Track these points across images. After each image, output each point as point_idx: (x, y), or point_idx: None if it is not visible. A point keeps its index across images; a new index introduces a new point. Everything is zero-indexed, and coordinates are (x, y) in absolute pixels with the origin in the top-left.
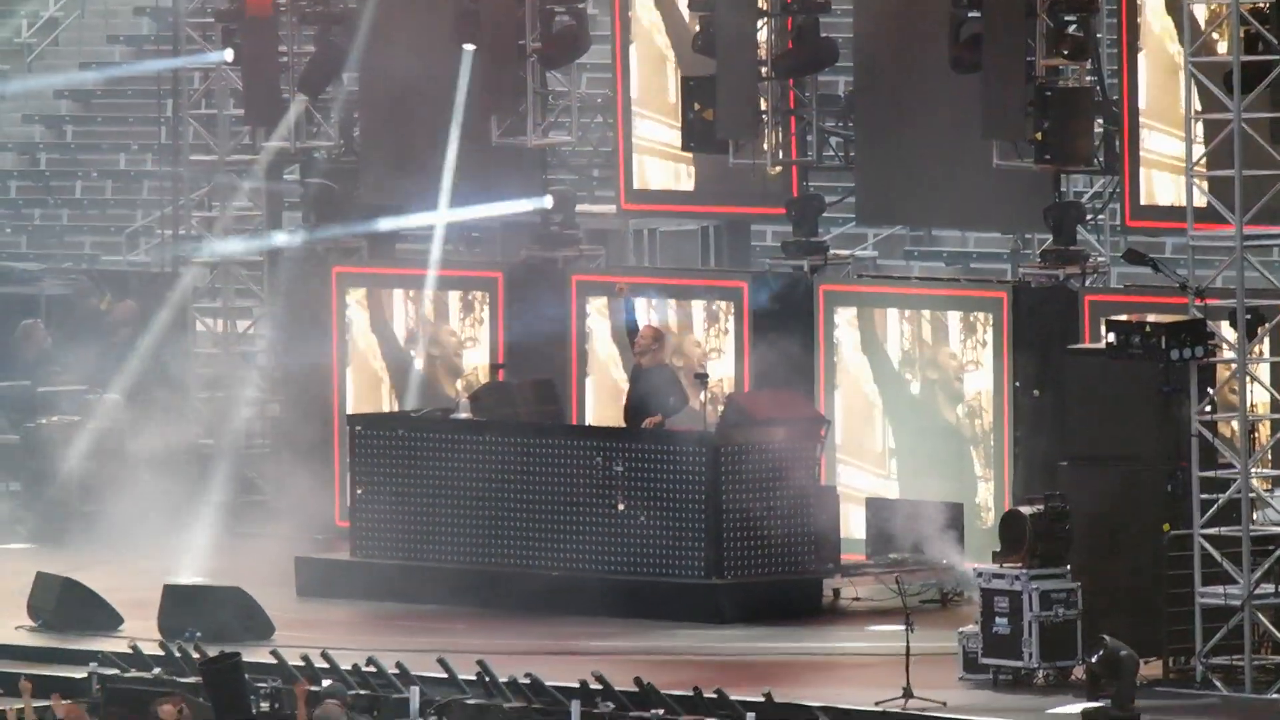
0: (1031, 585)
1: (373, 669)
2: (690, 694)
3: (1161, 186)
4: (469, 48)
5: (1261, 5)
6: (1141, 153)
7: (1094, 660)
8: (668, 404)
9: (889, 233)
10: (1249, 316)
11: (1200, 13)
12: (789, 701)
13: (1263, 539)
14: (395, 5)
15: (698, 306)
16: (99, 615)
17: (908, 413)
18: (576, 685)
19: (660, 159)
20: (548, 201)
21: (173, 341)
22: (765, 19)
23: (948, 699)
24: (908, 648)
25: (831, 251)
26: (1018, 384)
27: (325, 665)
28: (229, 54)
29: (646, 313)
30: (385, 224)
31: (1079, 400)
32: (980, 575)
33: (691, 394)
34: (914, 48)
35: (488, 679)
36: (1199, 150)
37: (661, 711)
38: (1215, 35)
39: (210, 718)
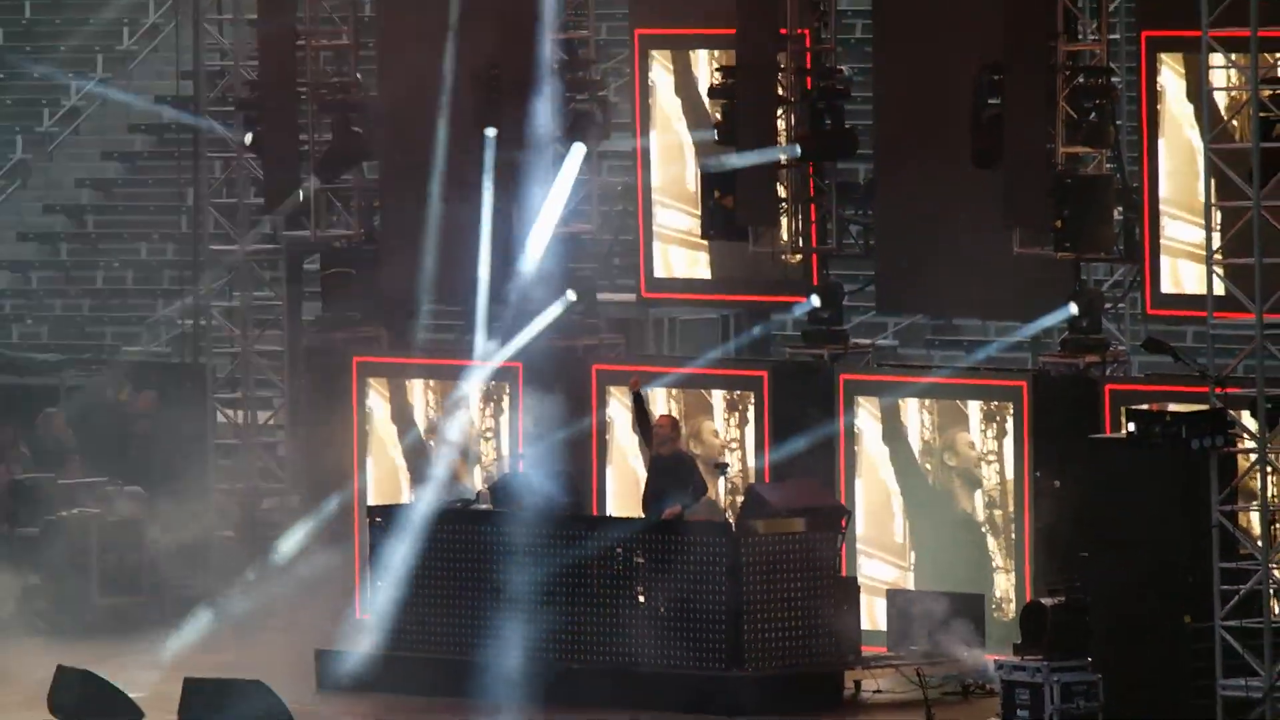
0: (1053, 677)
1: None
2: None
3: (1182, 275)
4: (490, 133)
5: None
6: (1162, 240)
7: None
8: (686, 493)
9: (909, 321)
10: (1269, 406)
11: (1220, 100)
12: None
13: None
14: (415, 92)
15: (718, 395)
16: (120, 709)
17: (927, 503)
18: None
19: (681, 247)
20: (570, 296)
21: (193, 433)
22: (785, 107)
23: None
24: None
25: (852, 340)
26: (1038, 474)
27: None
28: (248, 138)
29: (665, 403)
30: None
31: (1100, 490)
32: (1001, 667)
33: (710, 483)
34: (934, 135)
35: None
36: (1219, 238)
37: None
38: (1234, 123)
39: None
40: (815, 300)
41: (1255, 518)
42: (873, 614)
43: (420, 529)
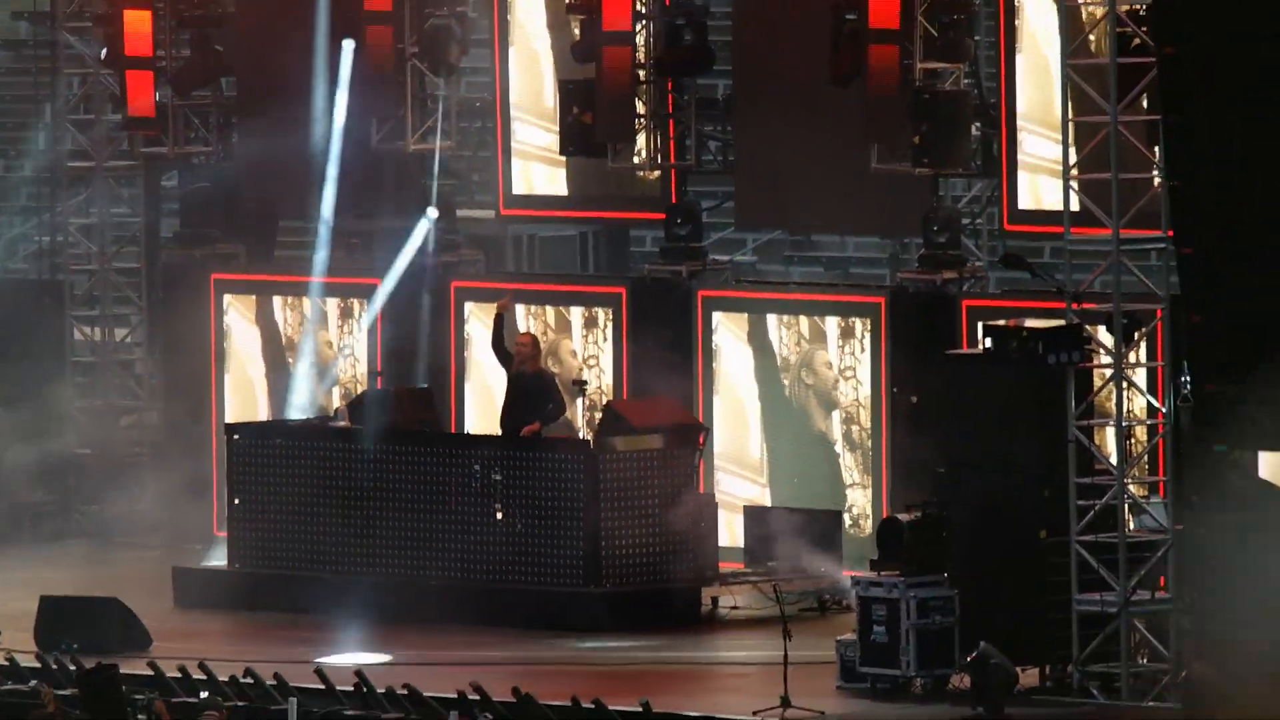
0: (909, 593)
1: (250, 680)
2: (568, 704)
3: (1040, 190)
4: (349, 44)
5: (1138, 7)
6: (1020, 156)
7: (967, 663)
8: (546, 411)
9: (768, 238)
10: (1125, 321)
11: (1078, 15)
12: (667, 711)
13: (1139, 546)
14: (273, 8)
15: (576, 313)
16: None
17: (784, 420)
18: (455, 696)
19: (540, 164)
20: (432, 214)
21: (50, 350)
22: (643, 22)
23: (825, 708)
24: (785, 657)
25: (710, 257)
26: (895, 390)
27: (202, 676)
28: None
29: (525, 320)
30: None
31: (956, 406)
32: (858, 583)
33: (569, 401)
34: (794, 51)
35: (365, 690)
36: (1076, 154)
37: None
38: (1092, 38)
39: None
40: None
41: (1111, 433)
42: (731, 530)
43: (277, 446)
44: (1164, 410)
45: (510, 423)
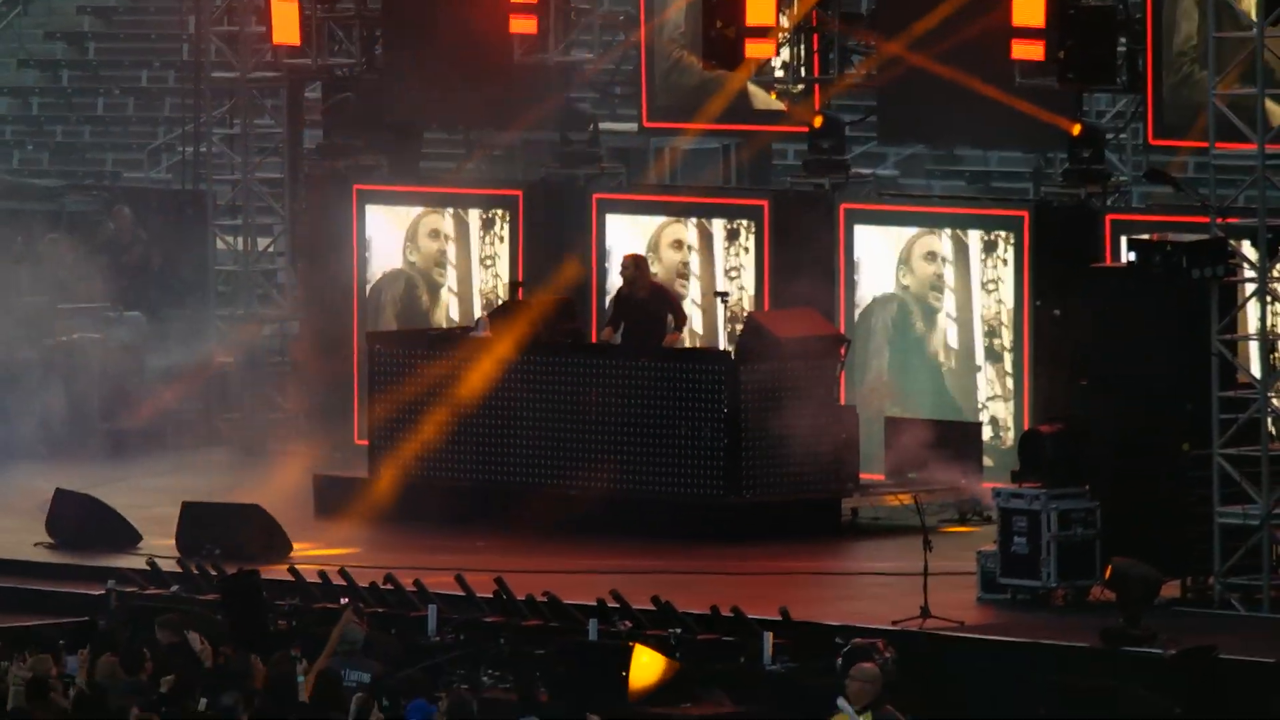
0: (1050, 505)
1: (390, 587)
2: (707, 613)
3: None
4: None
5: None
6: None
7: (1105, 580)
8: (668, 326)
9: (910, 152)
10: (1270, 236)
11: None
12: (806, 620)
13: None
14: None
15: (718, 225)
16: (118, 532)
17: (923, 333)
18: (594, 604)
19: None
20: None
21: (194, 260)
22: None
23: (965, 618)
24: (925, 567)
25: (853, 170)
26: (1038, 303)
27: (343, 583)
28: None
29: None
30: None
31: (1100, 320)
32: (999, 495)
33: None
34: None
35: (505, 597)
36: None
37: (679, 630)
38: None
39: (219, 634)
40: None
41: (1254, 347)
42: (871, 442)
43: (419, 356)
44: None
45: (632, 344)
